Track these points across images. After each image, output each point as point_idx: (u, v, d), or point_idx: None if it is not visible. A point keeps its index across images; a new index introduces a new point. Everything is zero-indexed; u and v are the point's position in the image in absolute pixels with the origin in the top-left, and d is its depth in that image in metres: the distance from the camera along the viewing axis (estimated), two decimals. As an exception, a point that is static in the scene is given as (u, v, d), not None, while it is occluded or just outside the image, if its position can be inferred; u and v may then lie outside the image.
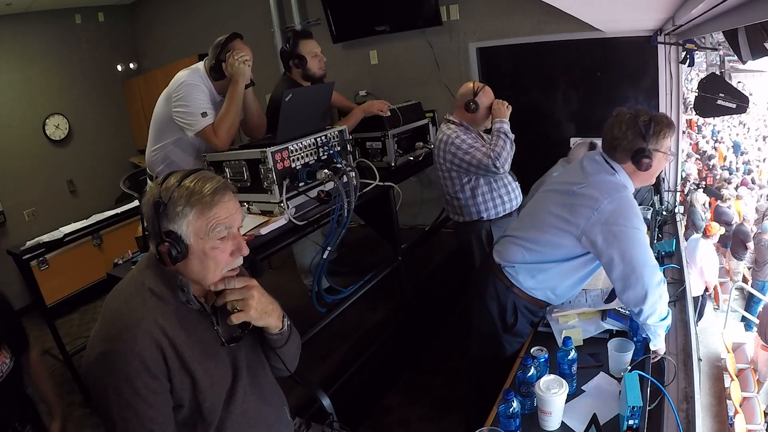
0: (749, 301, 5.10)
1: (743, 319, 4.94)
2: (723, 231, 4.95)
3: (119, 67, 5.06)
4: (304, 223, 1.93)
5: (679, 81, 2.85)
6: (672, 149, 1.59)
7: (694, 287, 4.12)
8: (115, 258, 2.43)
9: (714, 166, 8.06)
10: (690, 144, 7.42)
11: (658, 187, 2.82)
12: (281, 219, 1.88)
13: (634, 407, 1.18)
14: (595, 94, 3.22)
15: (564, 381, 1.30)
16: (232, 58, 2.02)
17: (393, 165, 2.67)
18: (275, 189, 1.87)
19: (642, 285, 1.44)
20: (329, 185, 2.05)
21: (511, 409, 1.24)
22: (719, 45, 3.52)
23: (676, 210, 3.03)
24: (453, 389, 2.58)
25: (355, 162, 2.33)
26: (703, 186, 6.49)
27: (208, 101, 2.07)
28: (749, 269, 5.61)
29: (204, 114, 2.03)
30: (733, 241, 5.62)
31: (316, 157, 2.06)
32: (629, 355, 1.45)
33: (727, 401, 3.60)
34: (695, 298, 4.16)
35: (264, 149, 1.85)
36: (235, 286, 1.09)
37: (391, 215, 2.51)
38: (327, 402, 1.51)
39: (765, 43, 1.99)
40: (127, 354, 0.96)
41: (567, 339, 1.44)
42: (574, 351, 1.42)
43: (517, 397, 1.29)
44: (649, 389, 1.35)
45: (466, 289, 3.32)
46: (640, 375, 1.28)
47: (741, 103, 2.48)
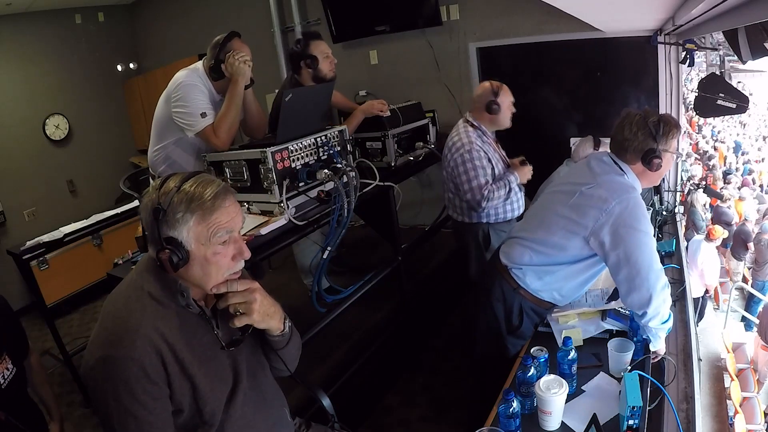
0: (749, 302, 5.10)
1: (743, 319, 4.94)
2: (726, 234, 4.94)
3: (119, 67, 5.05)
4: (304, 223, 1.93)
5: (679, 81, 2.85)
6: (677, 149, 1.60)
7: (694, 289, 4.12)
8: (115, 258, 2.43)
9: (714, 166, 8.05)
10: (690, 144, 7.40)
11: (658, 187, 2.82)
12: (281, 219, 1.88)
13: (634, 407, 1.18)
14: (595, 94, 3.22)
15: (564, 381, 1.30)
16: (231, 58, 2.01)
17: (393, 165, 2.67)
18: (275, 189, 1.87)
19: (647, 288, 1.44)
20: (329, 185, 2.05)
21: (511, 409, 1.24)
22: (719, 45, 3.52)
23: (676, 210, 3.03)
24: (453, 389, 2.58)
25: (355, 162, 2.33)
26: (704, 186, 6.48)
27: (208, 101, 2.07)
28: (749, 269, 5.60)
29: (203, 114, 2.03)
30: (734, 241, 5.62)
31: (316, 157, 2.06)
32: (629, 355, 1.45)
33: (727, 401, 3.60)
34: (695, 300, 4.16)
35: (264, 149, 1.85)
36: (237, 289, 1.08)
37: (391, 215, 2.51)
38: (327, 402, 1.51)
39: (765, 43, 1.99)
40: (126, 360, 0.95)
41: (567, 339, 1.44)
42: (574, 351, 1.42)
43: (517, 397, 1.29)
44: (649, 389, 1.35)
45: (466, 289, 3.33)
46: (640, 375, 1.28)
47: (741, 103, 2.48)
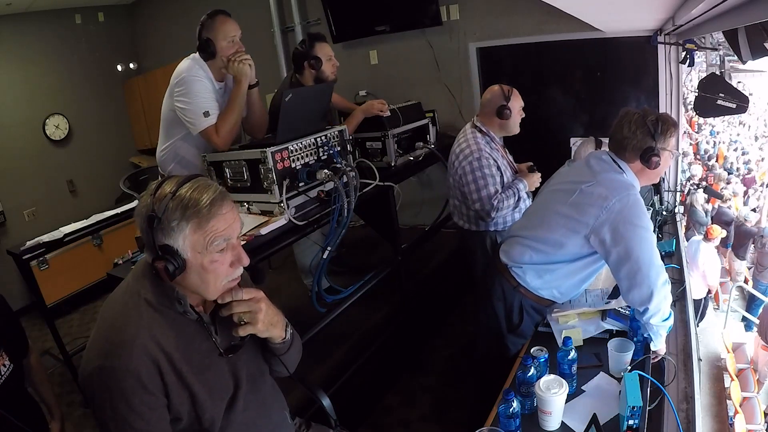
0: (750, 303, 5.10)
1: (743, 319, 4.94)
2: (724, 234, 4.94)
3: (119, 67, 5.05)
4: (304, 223, 1.93)
5: (679, 81, 2.85)
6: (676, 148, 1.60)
7: (696, 290, 4.12)
8: (115, 258, 2.42)
9: (714, 166, 8.06)
10: (690, 144, 7.41)
11: (658, 187, 2.82)
12: (281, 219, 1.88)
13: (634, 407, 1.18)
14: (595, 95, 3.22)
15: (564, 381, 1.30)
16: (232, 59, 2.02)
17: (393, 165, 2.67)
18: (275, 189, 1.87)
19: (648, 284, 1.45)
20: (329, 185, 2.05)
21: (511, 409, 1.24)
22: (719, 45, 3.52)
23: (676, 210, 3.03)
24: (453, 389, 2.58)
25: (355, 162, 2.33)
26: (704, 186, 6.48)
27: (211, 96, 2.06)
28: (749, 269, 5.60)
29: (206, 114, 2.03)
30: (735, 240, 5.63)
31: (316, 157, 2.06)
32: (629, 355, 1.45)
33: (727, 401, 3.60)
34: (697, 301, 4.17)
35: (264, 149, 1.85)
36: (242, 297, 1.06)
37: (391, 215, 2.51)
38: (327, 402, 1.51)
39: (765, 43, 2.00)
40: (123, 371, 0.94)
41: (567, 339, 1.44)
42: (574, 351, 1.42)
43: (517, 397, 1.29)
44: (649, 389, 1.35)
45: (466, 289, 3.33)
46: (640, 375, 1.28)
47: (741, 103, 2.48)
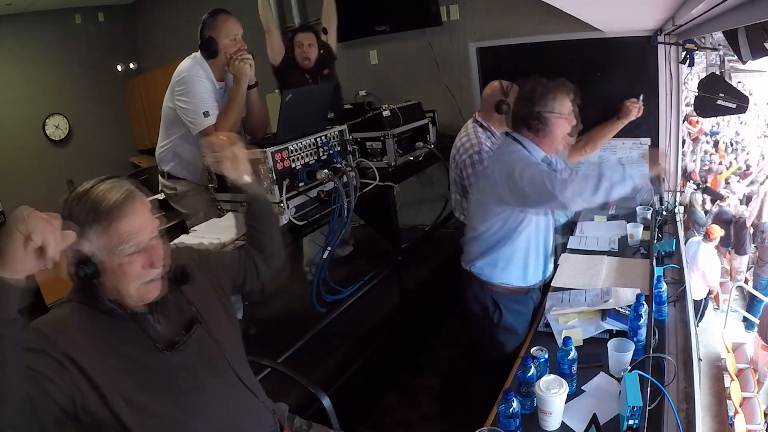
0: (751, 302, 5.09)
1: (743, 319, 4.94)
2: (723, 233, 4.95)
3: (119, 67, 5.06)
4: (304, 223, 1.93)
5: (679, 81, 2.85)
6: (571, 111, 1.64)
7: (696, 291, 4.12)
8: (115, 258, 2.43)
9: (713, 166, 8.07)
10: (690, 144, 7.41)
11: (658, 188, 2.81)
12: (281, 219, 1.88)
13: (634, 407, 1.18)
14: (594, 94, 3.21)
15: (564, 381, 1.30)
16: (233, 59, 2.03)
17: (393, 165, 2.67)
18: (275, 189, 1.87)
19: (560, 189, 1.46)
20: (329, 185, 2.05)
21: (511, 409, 1.24)
22: (719, 45, 3.52)
23: (676, 210, 3.03)
24: (453, 389, 2.58)
25: (355, 162, 2.33)
26: (703, 186, 6.48)
27: (211, 96, 2.07)
28: (749, 269, 5.60)
29: (206, 114, 2.03)
30: (734, 237, 5.63)
31: (316, 157, 2.06)
32: (629, 355, 1.45)
33: (727, 401, 3.60)
34: (697, 301, 4.17)
35: (264, 149, 1.85)
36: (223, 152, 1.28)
37: (391, 215, 2.51)
38: (327, 402, 1.51)
39: (765, 43, 1.99)
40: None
41: (567, 339, 1.44)
42: (574, 351, 1.41)
43: (517, 397, 1.29)
44: (649, 389, 1.35)
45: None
46: (640, 375, 1.28)
47: (741, 103, 2.48)
